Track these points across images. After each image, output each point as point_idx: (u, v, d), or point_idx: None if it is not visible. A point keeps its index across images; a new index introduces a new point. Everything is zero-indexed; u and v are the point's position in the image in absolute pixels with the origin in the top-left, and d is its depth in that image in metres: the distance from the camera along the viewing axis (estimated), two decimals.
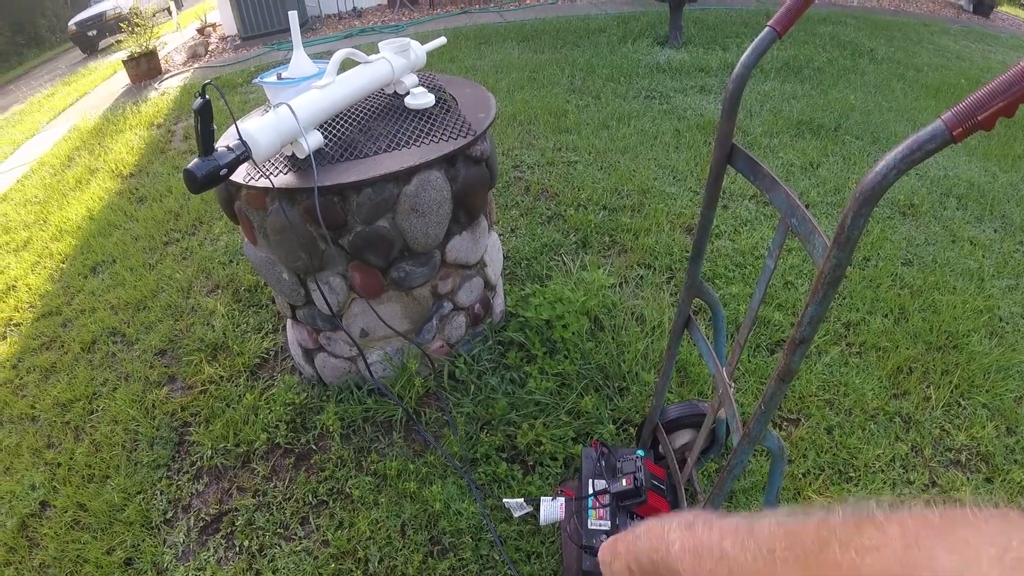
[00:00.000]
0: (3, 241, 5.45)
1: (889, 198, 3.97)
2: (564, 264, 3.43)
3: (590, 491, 1.73)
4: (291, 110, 2.06)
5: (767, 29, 1.21)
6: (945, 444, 2.48)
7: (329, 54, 2.46)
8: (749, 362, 2.75)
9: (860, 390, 2.63)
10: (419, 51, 2.67)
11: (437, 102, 2.57)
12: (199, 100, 1.79)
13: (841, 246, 0.95)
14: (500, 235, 3.73)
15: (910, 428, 2.53)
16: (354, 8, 12.02)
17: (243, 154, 1.92)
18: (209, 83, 1.84)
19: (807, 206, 3.82)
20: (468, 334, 2.75)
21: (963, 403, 2.63)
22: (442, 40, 2.88)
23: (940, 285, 3.25)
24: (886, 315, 3.05)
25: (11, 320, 4.23)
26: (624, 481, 1.67)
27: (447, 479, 2.38)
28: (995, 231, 3.79)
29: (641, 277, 3.30)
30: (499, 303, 2.95)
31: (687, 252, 3.44)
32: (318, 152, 2.22)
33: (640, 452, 1.85)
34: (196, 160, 1.84)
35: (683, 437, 2.06)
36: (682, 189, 4.11)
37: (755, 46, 1.24)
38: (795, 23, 1.20)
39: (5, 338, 4.06)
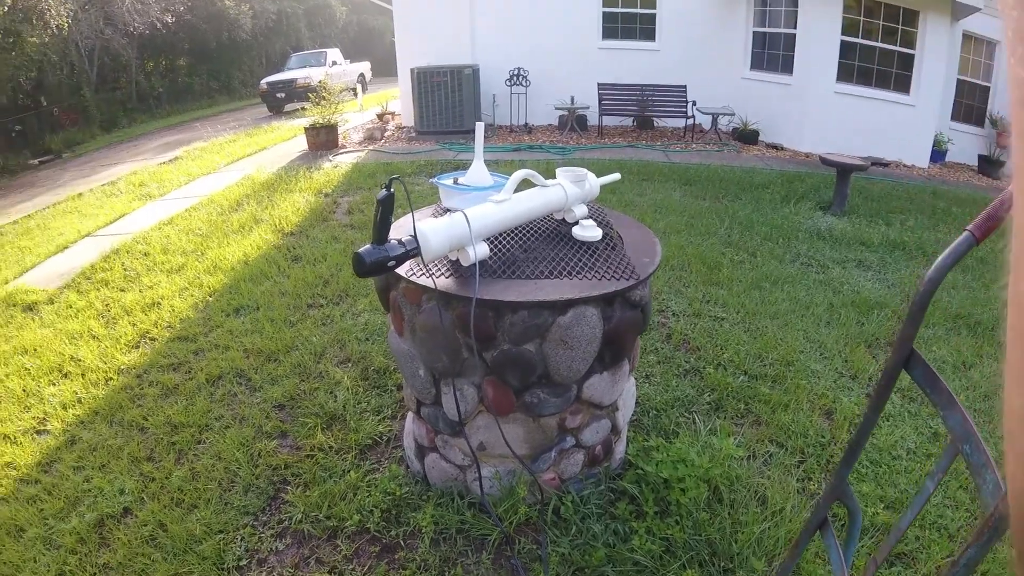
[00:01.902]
0: (160, 260, 5.87)
1: None
2: (694, 423, 3.30)
3: None
4: (466, 218, 2.10)
5: (965, 234, 1.15)
6: None
7: (496, 163, 2.55)
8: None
9: None
10: (593, 183, 2.71)
11: (604, 237, 2.57)
12: (384, 192, 1.87)
13: None
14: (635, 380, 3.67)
15: None
16: (526, 124, 12.54)
17: (413, 250, 1.97)
18: (396, 178, 1.92)
19: None
20: (583, 473, 2.67)
21: None
22: (616, 176, 2.92)
23: None
24: None
25: (148, 333, 4.50)
26: None
27: None
28: None
29: (770, 455, 3.11)
30: (620, 449, 2.86)
31: (822, 437, 3.24)
32: (481, 263, 2.25)
33: None
34: (368, 246, 1.91)
35: None
36: (828, 368, 3.91)
37: (952, 251, 1.18)
38: (996, 230, 1.12)
39: (138, 347, 4.31)
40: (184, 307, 4.86)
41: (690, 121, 11.77)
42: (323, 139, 10.97)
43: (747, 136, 11.62)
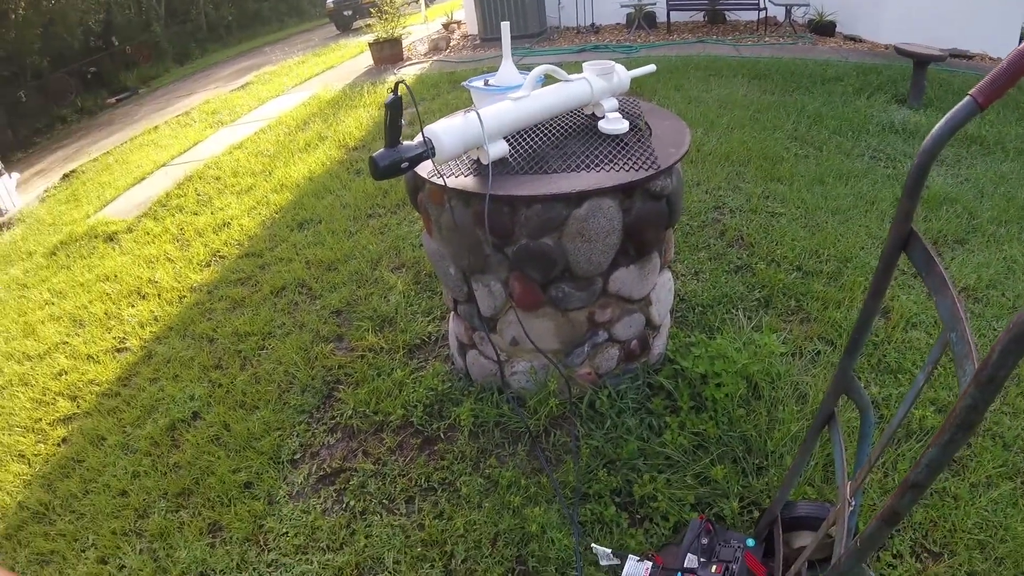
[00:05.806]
0: (231, 182, 6.15)
1: None
2: (739, 320, 3.24)
3: (682, 565, 1.64)
4: (479, 117, 2.10)
5: (967, 99, 1.04)
6: None
7: (562, 65, 2.51)
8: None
9: (1021, 538, 2.18)
10: (623, 75, 2.63)
11: (631, 129, 2.52)
12: (391, 96, 1.89)
13: (982, 386, 0.79)
14: (681, 276, 3.62)
15: None
16: (592, 24, 12.13)
17: (426, 152, 1.99)
18: (401, 81, 1.94)
19: None
20: (619, 368, 2.68)
21: None
22: (651, 68, 2.83)
23: None
24: None
25: (219, 252, 4.79)
26: (715, 568, 1.56)
27: (552, 504, 2.35)
28: None
29: (818, 352, 3.03)
30: (660, 344, 2.84)
31: (876, 336, 3.12)
32: (503, 161, 2.26)
33: (750, 542, 1.72)
34: (382, 150, 1.94)
35: (804, 539, 1.86)
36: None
37: (951, 117, 1.06)
38: (1001, 96, 1.02)
39: (209, 266, 4.59)
40: (252, 225, 5.09)
41: (763, 13, 11.04)
42: (387, 53, 10.93)
43: (823, 28, 10.88)
